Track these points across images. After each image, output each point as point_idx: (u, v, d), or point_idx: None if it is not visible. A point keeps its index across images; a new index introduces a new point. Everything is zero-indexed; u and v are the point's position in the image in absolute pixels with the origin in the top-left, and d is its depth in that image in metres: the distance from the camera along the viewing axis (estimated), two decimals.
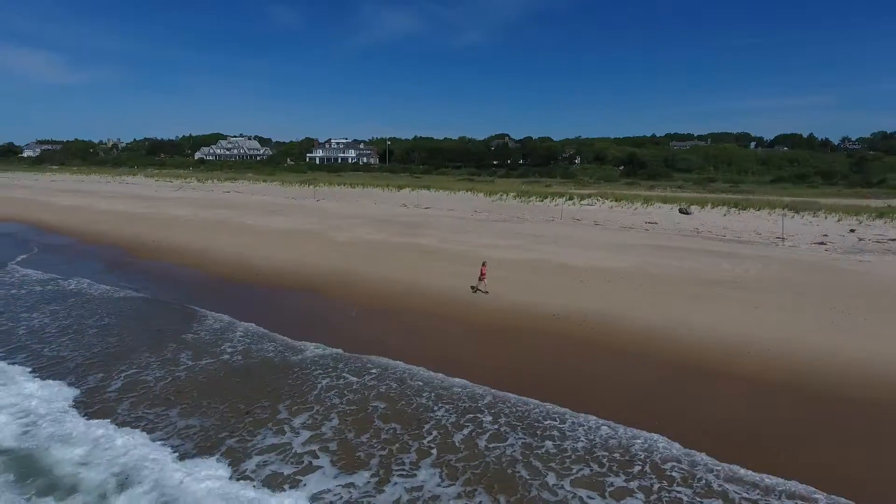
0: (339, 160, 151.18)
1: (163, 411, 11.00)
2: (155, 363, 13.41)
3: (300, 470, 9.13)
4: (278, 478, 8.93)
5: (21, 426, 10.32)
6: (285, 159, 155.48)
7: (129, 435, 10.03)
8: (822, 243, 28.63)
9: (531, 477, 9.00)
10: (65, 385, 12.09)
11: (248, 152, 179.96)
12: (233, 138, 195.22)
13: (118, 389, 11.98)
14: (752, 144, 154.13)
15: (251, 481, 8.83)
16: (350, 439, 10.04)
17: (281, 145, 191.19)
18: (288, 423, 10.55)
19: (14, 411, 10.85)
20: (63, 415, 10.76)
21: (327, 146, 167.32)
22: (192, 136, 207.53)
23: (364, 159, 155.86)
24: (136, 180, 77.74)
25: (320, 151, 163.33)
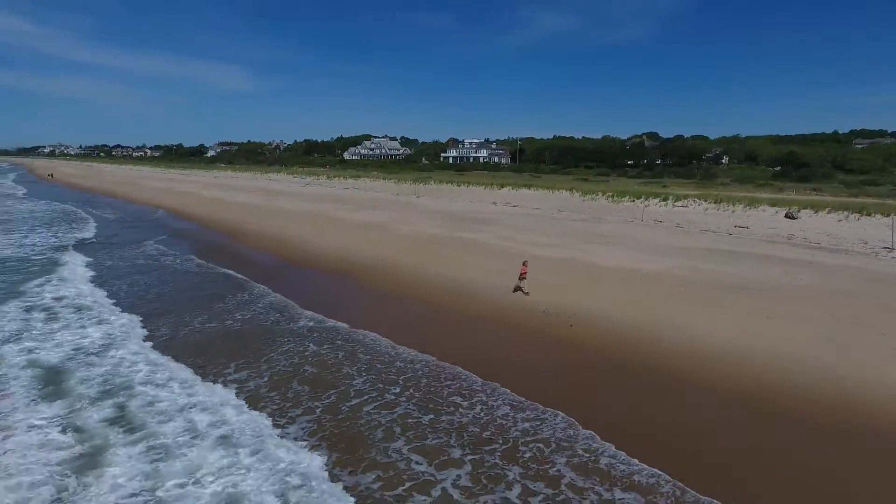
0: (471, 160, 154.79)
1: (170, 342, 13.83)
2: (191, 315, 16.75)
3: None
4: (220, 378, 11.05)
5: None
6: (420, 159, 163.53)
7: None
8: None
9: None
10: (136, 317, 16.52)
11: (389, 152, 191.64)
12: (376, 139, 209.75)
13: (164, 322, 15.57)
14: None
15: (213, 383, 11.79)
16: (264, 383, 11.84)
17: (420, 145, 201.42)
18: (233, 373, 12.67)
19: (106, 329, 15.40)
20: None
21: (460, 146, 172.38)
22: (343, 138, 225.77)
23: (495, 159, 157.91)
24: (279, 177, 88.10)
25: (454, 151, 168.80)
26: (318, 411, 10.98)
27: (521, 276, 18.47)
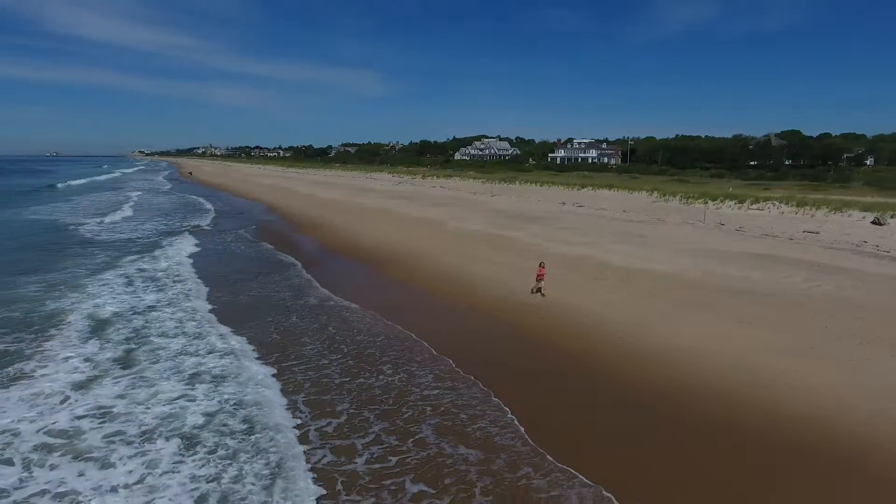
0: (579, 160, 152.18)
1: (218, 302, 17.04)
2: (241, 285, 20.11)
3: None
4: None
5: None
6: (527, 159, 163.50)
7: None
8: None
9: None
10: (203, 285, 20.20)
11: (498, 152, 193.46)
12: (486, 139, 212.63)
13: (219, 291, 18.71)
14: None
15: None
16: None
17: (530, 145, 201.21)
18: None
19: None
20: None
21: (569, 146, 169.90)
22: (457, 139, 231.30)
23: (605, 159, 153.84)
24: (379, 176, 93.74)
25: (562, 151, 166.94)
26: (275, 339, 13.81)
27: (539, 278, 18.38)
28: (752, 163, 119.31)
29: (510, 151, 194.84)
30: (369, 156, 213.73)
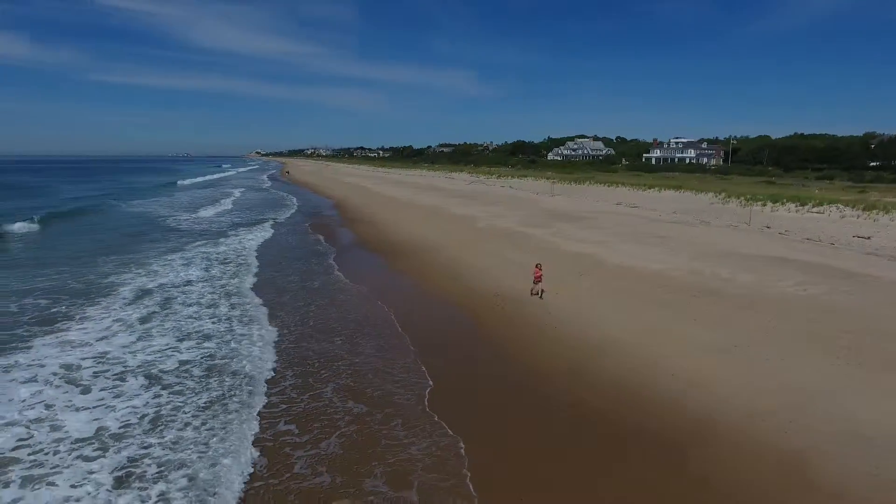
0: (676, 160, 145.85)
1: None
2: (284, 265, 23.23)
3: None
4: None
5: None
6: (620, 160, 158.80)
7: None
8: None
9: None
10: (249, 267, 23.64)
11: (591, 153, 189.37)
12: (579, 140, 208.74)
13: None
14: None
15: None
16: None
17: (624, 144, 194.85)
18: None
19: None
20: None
21: (665, 146, 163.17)
22: (552, 139, 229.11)
23: (704, 160, 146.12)
24: (458, 175, 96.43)
25: (657, 151, 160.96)
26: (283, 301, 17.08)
27: (536, 280, 18.28)
28: (873, 163, 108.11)
29: (604, 151, 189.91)
30: (462, 156, 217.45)
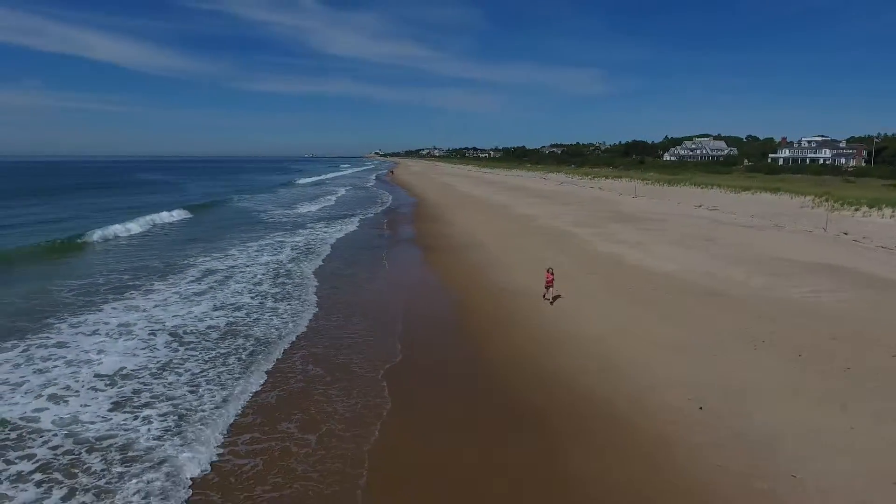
0: (808, 161, 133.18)
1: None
2: (349, 252, 26.40)
3: None
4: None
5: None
6: (742, 160, 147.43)
7: None
8: None
9: None
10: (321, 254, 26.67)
11: (711, 153, 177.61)
12: (698, 139, 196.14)
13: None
14: None
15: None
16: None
17: (747, 144, 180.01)
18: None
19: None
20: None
21: (795, 146, 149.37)
22: (671, 138, 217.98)
23: (842, 160, 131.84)
24: (554, 176, 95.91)
25: (785, 151, 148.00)
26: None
27: (547, 285, 17.88)
28: None
29: (725, 151, 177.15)
30: (571, 157, 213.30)
